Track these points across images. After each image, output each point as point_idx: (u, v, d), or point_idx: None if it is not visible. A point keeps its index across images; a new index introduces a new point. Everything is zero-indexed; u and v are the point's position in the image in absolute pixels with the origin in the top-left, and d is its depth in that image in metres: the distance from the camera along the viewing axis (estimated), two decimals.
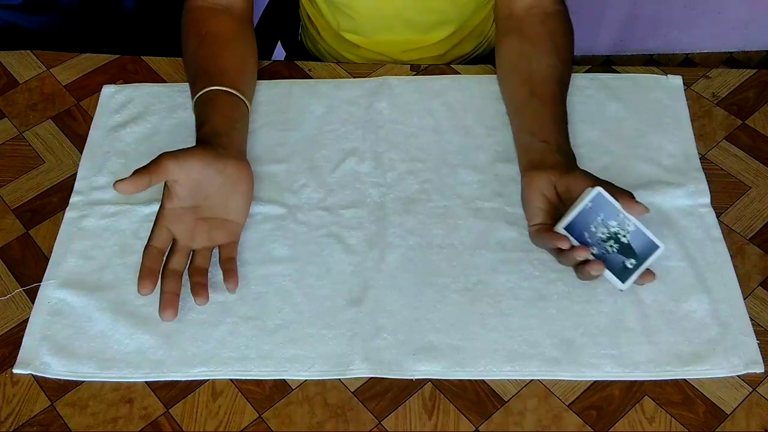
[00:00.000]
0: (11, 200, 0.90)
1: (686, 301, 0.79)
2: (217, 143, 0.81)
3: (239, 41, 0.94)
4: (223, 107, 0.86)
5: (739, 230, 0.85)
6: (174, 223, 0.79)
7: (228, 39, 0.93)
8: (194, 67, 0.90)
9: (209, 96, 0.86)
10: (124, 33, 1.19)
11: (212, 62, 0.90)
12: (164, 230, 0.78)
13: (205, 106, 0.86)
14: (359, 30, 1.07)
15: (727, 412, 0.74)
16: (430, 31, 1.07)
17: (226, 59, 0.90)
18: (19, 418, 0.74)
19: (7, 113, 0.98)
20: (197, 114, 0.86)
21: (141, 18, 1.21)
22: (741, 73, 0.99)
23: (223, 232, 0.81)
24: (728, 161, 0.91)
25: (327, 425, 0.74)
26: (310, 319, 0.79)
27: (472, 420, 0.74)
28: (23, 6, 1.12)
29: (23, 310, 0.81)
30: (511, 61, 0.92)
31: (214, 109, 0.85)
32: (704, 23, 2.01)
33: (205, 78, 0.88)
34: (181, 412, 0.75)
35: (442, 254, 0.83)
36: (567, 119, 0.86)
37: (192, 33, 0.93)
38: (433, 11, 1.04)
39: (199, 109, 0.86)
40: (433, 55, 1.10)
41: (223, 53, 0.91)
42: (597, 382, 0.75)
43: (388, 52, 1.09)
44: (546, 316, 0.79)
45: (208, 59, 0.90)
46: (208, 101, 0.86)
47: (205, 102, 0.86)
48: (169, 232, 0.78)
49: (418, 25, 1.06)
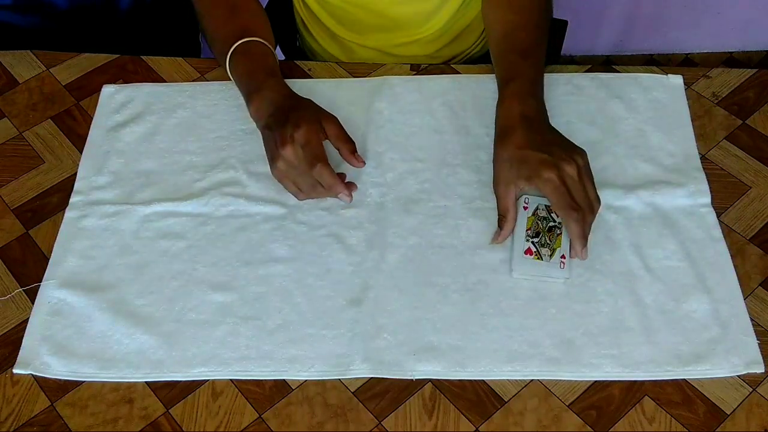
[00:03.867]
0: (11, 200, 0.90)
1: (686, 301, 0.79)
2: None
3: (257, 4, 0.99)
4: (273, 58, 0.93)
5: (739, 230, 0.85)
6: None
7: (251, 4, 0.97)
8: (230, 30, 0.93)
9: (265, 50, 0.91)
10: (119, 33, 1.19)
11: (250, 25, 0.94)
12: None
13: (267, 58, 0.91)
14: (353, 27, 1.07)
15: (727, 412, 0.73)
16: (423, 24, 1.06)
17: (260, 22, 0.96)
18: (19, 419, 0.74)
19: (7, 113, 0.98)
20: (258, 66, 0.90)
21: (136, 19, 1.21)
22: (741, 73, 0.99)
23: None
24: (728, 161, 0.90)
25: (327, 425, 0.74)
26: (310, 319, 0.79)
27: (472, 420, 0.74)
28: (13, 6, 1.12)
29: (23, 310, 0.81)
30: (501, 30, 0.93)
31: (274, 60, 0.93)
32: (704, 23, 2.01)
33: (247, 36, 0.91)
34: (181, 412, 0.75)
35: (442, 254, 0.83)
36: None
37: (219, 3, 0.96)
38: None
39: (258, 62, 0.91)
40: (428, 53, 1.10)
41: (258, 17, 0.96)
42: (597, 382, 0.75)
43: (383, 47, 1.09)
44: (546, 316, 0.79)
45: (245, 23, 0.94)
46: (266, 54, 0.91)
47: (263, 54, 0.91)
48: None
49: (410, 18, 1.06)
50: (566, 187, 0.78)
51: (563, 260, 0.80)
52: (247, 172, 0.90)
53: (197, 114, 0.96)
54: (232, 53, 0.90)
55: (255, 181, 0.89)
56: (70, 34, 1.14)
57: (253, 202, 0.87)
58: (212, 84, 0.99)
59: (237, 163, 0.91)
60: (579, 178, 0.79)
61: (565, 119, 0.94)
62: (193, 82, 0.99)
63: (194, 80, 1.00)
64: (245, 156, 0.91)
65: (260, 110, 0.87)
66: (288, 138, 0.81)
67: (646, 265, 0.81)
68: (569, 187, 0.78)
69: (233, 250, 0.84)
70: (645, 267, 0.81)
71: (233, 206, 0.88)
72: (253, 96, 0.88)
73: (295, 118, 0.83)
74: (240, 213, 0.87)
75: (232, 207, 0.87)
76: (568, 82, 0.97)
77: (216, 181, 0.90)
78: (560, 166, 0.78)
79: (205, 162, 0.91)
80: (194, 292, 0.81)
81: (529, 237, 0.81)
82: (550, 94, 0.96)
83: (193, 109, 0.96)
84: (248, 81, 0.89)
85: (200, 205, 0.87)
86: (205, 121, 0.95)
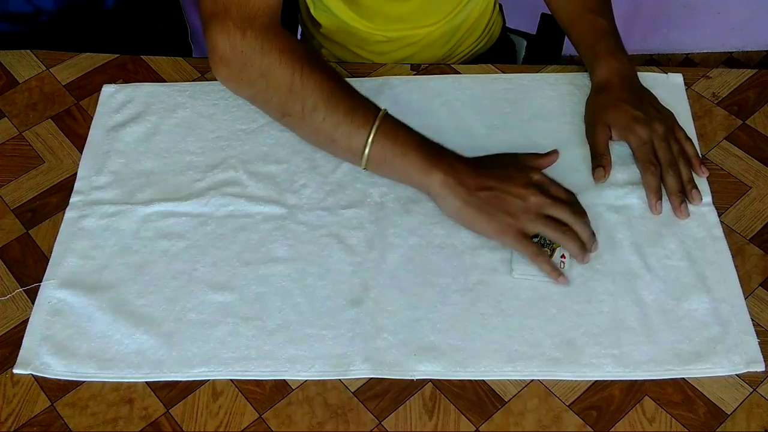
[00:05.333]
0: (11, 200, 0.89)
1: (687, 300, 0.79)
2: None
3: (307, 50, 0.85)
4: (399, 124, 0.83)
5: (739, 230, 0.85)
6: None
7: (311, 54, 0.84)
8: (344, 102, 0.82)
9: (392, 121, 0.83)
10: (106, 32, 1.19)
11: (353, 90, 0.83)
12: None
13: (397, 122, 0.83)
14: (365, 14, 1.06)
15: (727, 412, 0.73)
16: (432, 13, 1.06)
17: (337, 78, 0.84)
18: (19, 419, 0.74)
19: (7, 113, 0.98)
20: (415, 134, 0.82)
21: (121, 17, 1.20)
22: (741, 73, 0.99)
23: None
24: (729, 161, 0.90)
25: (327, 425, 0.74)
26: (310, 320, 0.79)
27: (472, 420, 0.74)
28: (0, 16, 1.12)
29: (23, 310, 0.81)
30: None
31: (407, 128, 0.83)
32: (704, 23, 2.01)
33: (368, 104, 0.83)
34: (182, 412, 0.75)
35: (442, 254, 0.83)
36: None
37: (300, 67, 0.81)
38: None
39: (402, 130, 0.82)
40: (443, 41, 1.10)
41: (332, 73, 0.84)
42: (597, 382, 0.75)
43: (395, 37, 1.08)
44: (546, 316, 0.79)
45: (343, 86, 0.83)
46: (395, 122, 0.83)
47: (395, 128, 0.82)
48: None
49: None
50: (651, 144, 0.86)
51: (563, 260, 0.80)
52: (247, 172, 0.90)
53: (197, 114, 0.96)
54: (376, 135, 0.80)
55: (255, 181, 0.89)
56: (58, 36, 1.14)
57: (253, 202, 0.87)
58: (212, 84, 0.98)
59: (237, 163, 0.91)
60: (665, 138, 0.87)
61: (566, 119, 0.94)
62: (193, 81, 0.99)
63: (194, 80, 0.99)
64: (245, 156, 0.91)
65: (460, 176, 0.80)
66: (528, 182, 0.80)
67: (647, 264, 0.81)
68: (654, 144, 0.86)
69: (233, 250, 0.84)
70: (645, 266, 0.81)
71: (233, 206, 0.87)
72: (443, 165, 0.80)
73: (503, 161, 0.83)
74: (240, 213, 0.87)
75: (232, 207, 0.87)
76: (568, 82, 0.97)
77: (216, 181, 0.90)
78: (651, 125, 0.87)
79: (205, 162, 0.91)
80: (194, 292, 0.81)
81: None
82: (550, 94, 0.96)
83: (193, 109, 0.96)
84: (424, 154, 0.81)
85: (200, 205, 0.87)
86: (205, 121, 0.95)
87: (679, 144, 0.88)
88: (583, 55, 0.96)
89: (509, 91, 0.97)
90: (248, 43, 0.80)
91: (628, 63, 0.93)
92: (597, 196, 0.87)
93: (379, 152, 0.81)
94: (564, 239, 0.79)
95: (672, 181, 0.85)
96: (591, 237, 0.81)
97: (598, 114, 0.90)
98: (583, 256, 0.80)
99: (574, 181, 0.88)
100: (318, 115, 0.81)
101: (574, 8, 0.98)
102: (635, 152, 0.88)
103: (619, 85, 0.91)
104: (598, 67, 0.93)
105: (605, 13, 0.97)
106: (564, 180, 0.87)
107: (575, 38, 0.98)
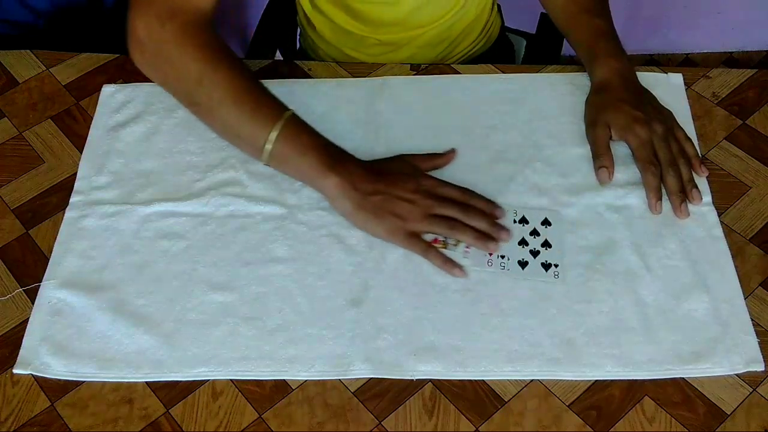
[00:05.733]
0: (11, 200, 0.90)
1: (687, 300, 0.79)
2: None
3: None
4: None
5: (739, 230, 0.85)
6: None
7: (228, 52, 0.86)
8: (252, 100, 0.84)
9: (297, 122, 0.84)
10: (106, 31, 1.19)
11: (263, 89, 0.85)
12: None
13: (303, 124, 0.85)
14: (358, 17, 1.07)
15: (727, 412, 0.73)
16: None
17: (250, 78, 0.85)
18: (19, 419, 0.74)
19: (7, 113, 0.98)
20: (318, 137, 0.84)
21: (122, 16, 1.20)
22: (741, 73, 0.99)
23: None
24: (728, 161, 0.90)
25: (327, 425, 0.74)
26: (310, 320, 0.79)
27: (472, 420, 0.74)
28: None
29: (23, 310, 0.81)
30: None
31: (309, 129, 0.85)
32: (704, 23, 2.00)
33: (276, 104, 0.85)
34: (182, 412, 0.75)
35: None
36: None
37: (212, 61, 0.83)
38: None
39: (305, 132, 0.84)
40: (436, 42, 1.10)
41: (244, 69, 0.85)
42: (597, 382, 0.75)
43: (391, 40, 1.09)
44: (546, 316, 0.79)
45: (254, 85, 0.85)
46: (300, 123, 0.85)
47: (299, 129, 0.84)
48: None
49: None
50: (651, 144, 0.87)
51: (467, 250, 0.82)
52: (247, 172, 0.90)
53: None
54: (280, 134, 0.83)
55: (255, 181, 0.89)
56: (58, 35, 1.14)
57: (253, 202, 0.87)
58: None
59: (237, 163, 0.91)
60: (664, 137, 0.87)
61: (566, 119, 0.94)
62: None
63: None
64: (245, 156, 0.91)
65: (354, 181, 0.83)
66: (417, 187, 0.84)
67: (647, 264, 0.81)
68: (654, 144, 0.87)
69: (233, 250, 0.84)
70: (645, 266, 0.81)
71: (233, 206, 0.87)
72: (339, 168, 0.83)
73: (396, 167, 0.86)
74: (240, 213, 0.87)
75: (232, 207, 0.87)
76: (568, 82, 0.97)
77: (216, 181, 0.90)
78: (651, 125, 0.88)
79: (205, 162, 0.91)
80: (194, 292, 0.81)
81: None
82: (550, 93, 0.96)
83: None
84: (322, 157, 0.83)
85: (200, 205, 0.87)
86: None
87: (678, 144, 0.88)
88: (581, 55, 0.96)
89: (509, 91, 0.97)
90: (165, 33, 0.83)
91: (627, 63, 0.93)
92: (597, 196, 0.87)
93: (281, 150, 0.83)
94: (454, 233, 0.82)
95: (672, 181, 0.85)
96: (492, 226, 0.83)
97: (598, 114, 0.90)
98: (483, 245, 0.82)
99: (574, 181, 0.88)
100: (224, 109, 0.83)
101: (572, 9, 0.98)
102: (635, 152, 0.88)
103: (618, 85, 0.91)
104: (598, 68, 0.93)
105: (603, 13, 0.97)
106: (565, 180, 0.88)
107: (574, 39, 0.98)
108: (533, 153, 0.91)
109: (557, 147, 0.91)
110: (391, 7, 1.03)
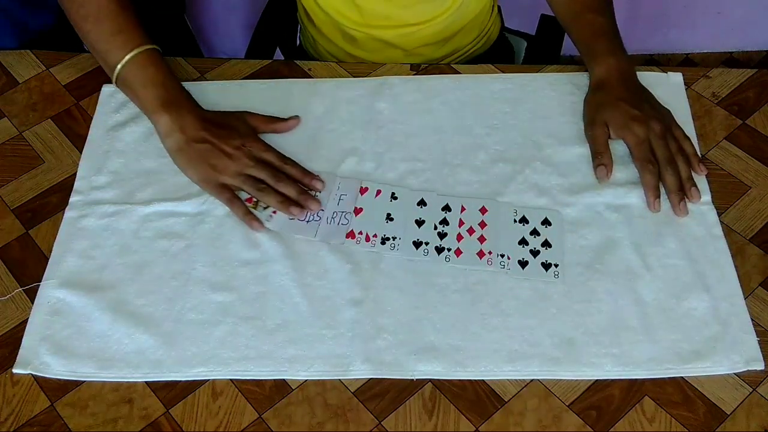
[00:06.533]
0: (11, 200, 0.89)
1: (687, 299, 0.79)
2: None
3: None
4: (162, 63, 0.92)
5: (739, 230, 0.85)
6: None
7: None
8: (115, 22, 0.90)
9: (153, 56, 0.90)
10: None
11: (130, 19, 0.91)
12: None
13: (158, 61, 0.91)
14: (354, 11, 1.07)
15: (727, 412, 0.73)
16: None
17: (131, 13, 0.92)
18: (19, 419, 0.74)
19: (7, 113, 0.98)
20: (170, 76, 0.90)
21: None
22: (741, 73, 0.99)
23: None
24: (728, 161, 0.90)
25: (327, 425, 0.74)
26: (309, 319, 0.79)
27: (472, 420, 0.74)
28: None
29: (23, 310, 0.81)
30: None
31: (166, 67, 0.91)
32: (704, 23, 2.00)
33: (141, 35, 0.91)
34: (181, 412, 0.75)
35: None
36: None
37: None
38: None
39: (155, 67, 0.90)
40: (432, 42, 1.10)
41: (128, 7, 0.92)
42: (597, 382, 0.75)
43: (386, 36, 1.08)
44: (546, 316, 0.79)
45: (124, 12, 0.91)
46: (156, 59, 0.91)
47: (150, 62, 0.90)
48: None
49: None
50: (649, 143, 0.87)
51: (272, 215, 0.86)
52: None
53: None
54: (130, 60, 0.89)
55: None
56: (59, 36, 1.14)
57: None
58: (212, 84, 0.98)
59: None
60: (662, 136, 0.87)
61: (565, 119, 0.94)
62: (193, 81, 0.99)
63: (194, 80, 0.99)
64: None
65: (184, 124, 0.88)
66: (240, 145, 0.88)
67: (647, 263, 0.81)
68: (652, 142, 0.87)
69: (232, 250, 0.84)
70: (645, 265, 0.81)
71: None
72: (173, 108, 0.89)
73: (231, 122, 0.90)
74: None
75: None
76: (568, 82, 0.97)
77: None
78: (649, 123, 0.88)
79: None
80: (194, 292, 0.81)
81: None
82: (550, 93, 0.96)
83: None
84: (161, 93, 0.89)
85: (199, 205, 0.87)
86: None
87: (677, 142, 0.88)
88: (582, 53, 0.96)
89: (509, 91, 0.97)
90: None
91: (626, 62, 0.93)
92: (597, 196, 0.87)
93: (126, 76, 0.90)
94: (260, 195, 0.86)
95: (671, 179, 0.85)
96: (300, 194, 0.86)
97: (596, 112, 0.90)
98: (285, 208, 0.85)
99: (574, 181, 0.88)
100: (87, 25, 0.91)
101: (575, 7, 0.98)
102: (633, 151, 0.88)
103: (617, 83, 0.91)
104: (597, 66, 0.93)
105: (605, 11, 0.97)
106: (565, 179, 0.88)
107: (575, 37, 0.98)
108: (533, 153, 0.91)
109: (557, 147, 0.91)
110: (387, 2, 1.03)
